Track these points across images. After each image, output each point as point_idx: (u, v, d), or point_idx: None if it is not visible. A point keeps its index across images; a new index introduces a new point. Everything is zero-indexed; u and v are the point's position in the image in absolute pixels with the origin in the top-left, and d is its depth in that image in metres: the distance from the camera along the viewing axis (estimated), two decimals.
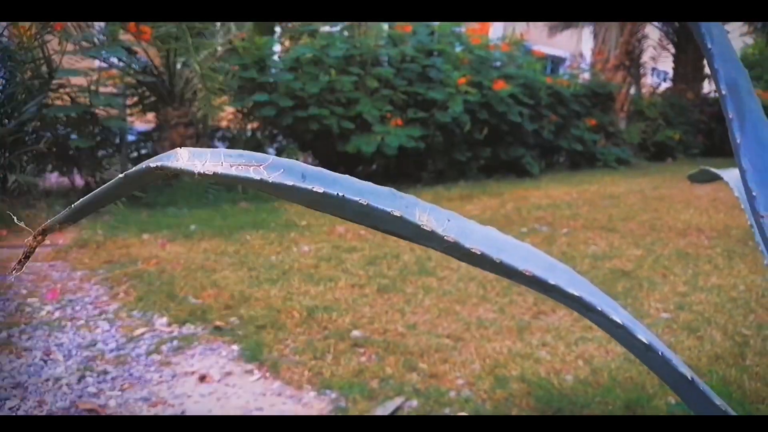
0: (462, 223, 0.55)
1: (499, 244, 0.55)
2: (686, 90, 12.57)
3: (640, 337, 0.49)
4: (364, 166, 7.03)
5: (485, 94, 7.03)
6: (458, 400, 1.84)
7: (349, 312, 2.56)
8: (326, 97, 6.04)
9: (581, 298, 0.48)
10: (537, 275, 0.48)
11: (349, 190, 0.51)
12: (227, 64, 6.00)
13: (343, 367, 2.08)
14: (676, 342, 2.24)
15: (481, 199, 5.88)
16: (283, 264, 3.29)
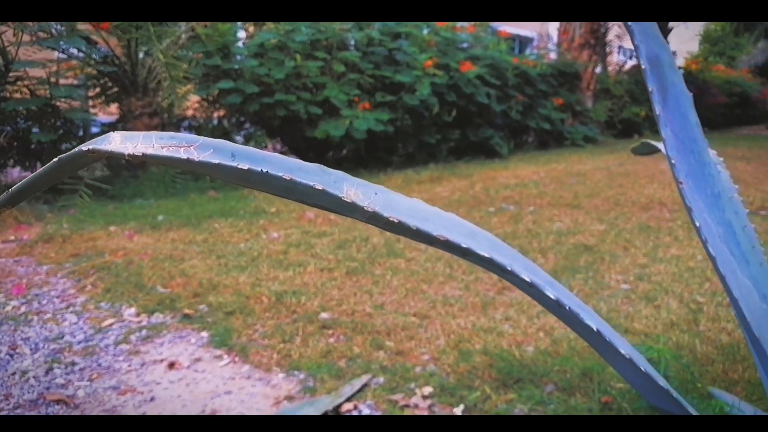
0: (389, 196, 0.58)
1: (423, 215, 0.58)
2: None
3: (549, 293, 0.52)
4: (333, 151, 7.03)
5: (452, 76, 7.06)
6: (423, 375, 1.89)
7: (318, 295, 2.59)
8: (292, 83, 6.01)
9: (492, 259, 0.52)
10: (450, 239, 0.51)
11: (276, 167, 0.53)
12: (190, 52, 5.92)
13: (312, 349, 2.11)
14: (634, 311, 2.32)
15: (451, 181, 5.94)
16: (252, 251, 3.30)
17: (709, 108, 13.84)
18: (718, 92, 14.29)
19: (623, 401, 1.58)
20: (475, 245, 0.53)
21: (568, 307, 0.53)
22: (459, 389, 1.79)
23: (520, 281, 0.53)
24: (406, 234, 0.53)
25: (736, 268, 0.82)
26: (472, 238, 0.58)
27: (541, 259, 3.09)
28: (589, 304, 2.42)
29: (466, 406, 1.71)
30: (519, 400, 1.71)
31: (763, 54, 16.50)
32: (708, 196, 0.85)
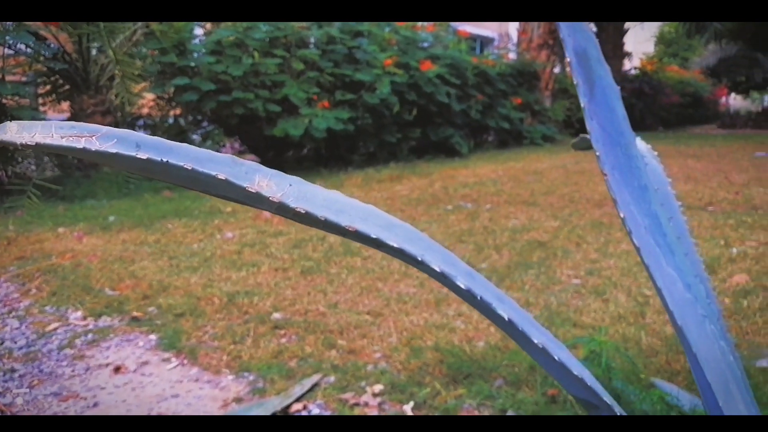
0: (305, 187, 0.57)
1: (339, 206, 0.57)
2: None
3: (459, 283, 0.52)
4: (294, 150, 6.97)
5: (413, 75, 7.08)
6: (374, 373, 1.88)
7: (271, 295, 2.55)
8: (250, 81, 5.94)
9: (402, 250, 0.51)
10: (360, 230, 0.50)
11: (181, 157, 0.51)
12: (145, 49, 5.78)
13: (263, 350, 2.08)
14: (583, 305, 2.36)
15: (411, 180, 5.95)
16: (205, 251, 3.24)
17: (664, 107, 14.25)
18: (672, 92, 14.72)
19: (569, 393, 1.60)
20: (386, 236, 0.52)
21: (480, 297, 0.53)
22: (409, 386, 1.79)
23: (431, 271, 0.52)
24: (316, 225, 0.52)
25: (662, 258, 0.83)
26: (387, 229, 0.57)
27: (495, 256, 3.12)
28: (540, 299, 2.45)
29: (415, 403, 1.70)
30: (468, 396, 1.72)
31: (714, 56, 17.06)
32: (635, 188, 0.86)
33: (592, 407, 0.63)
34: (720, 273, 2.76)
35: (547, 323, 2.18)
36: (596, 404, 0.61)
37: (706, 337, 0.84)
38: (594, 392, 0.59)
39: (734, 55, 16.14)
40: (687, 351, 0.83)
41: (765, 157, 7.54)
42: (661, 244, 0.86)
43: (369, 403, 1.73)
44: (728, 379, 0.83)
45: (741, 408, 0.82)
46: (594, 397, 0.60)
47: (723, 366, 0.83)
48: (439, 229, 3.74)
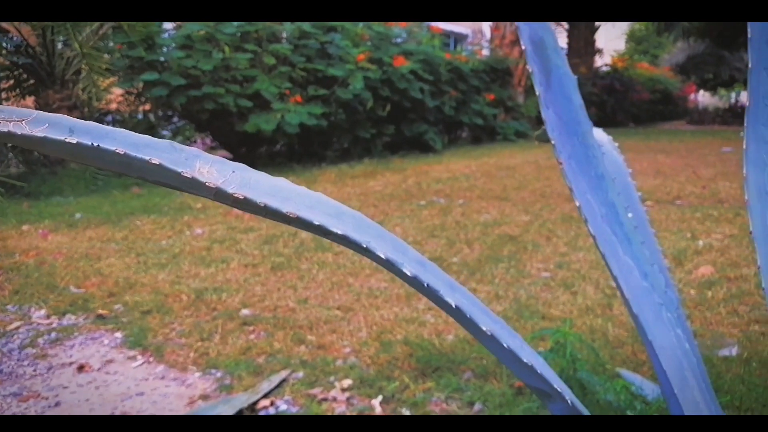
0: (249, 174, 0.55)
1: (285, 194, 0.55)
2: (579, 64, 13.22)
3: (406, 270, 0.51)
4: (267, 146, 6.91)
5: (386, 71, 7.07)
6: (343, 368, 1.87)
7: (240, 292, 2.52)
8: (221, 75, 5.86)
9: (346, 237, 0.50)
10: (302, 217, 0.49)
11: (118, 143, 0.50)
12: (112, 43, 5.67)
13: (231, 346, 2.06)
14: (552, 298, 2.38)
15: (384, 175, 5.94)
16: (174, 248, 3.19)
17: (634, 104, 14.47)
18: (643, 89, 14.95)
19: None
20: (331, 223, 0.51)
21: (427, 284, 0.52)
22: (378, 380, 1.78)
23: (377, 258, 0.51)
24: (257, 212, 0.50)
25: (618, 246, 0.84)
26: (335, 217, 0.56)
27: (466, 250, 3.13)
28: (509, 292, 2.46)
29: (384, 397, 1.70)
30: (437, 389, 1.72)
31: (683, 53, 17.37)
32: (591, 177, 0.86)
33: (545, 396, 0.62)
34: (686, 265, 2.81)
35: (515, 316, 2.20)
36: (549, 392, 0.61)
37: (663, 325, 0.84)
38: (545, 380, 0.59)
39: (702, 52, 16.46)
40: (644, 338, 0.83)
41: (732, 152, 7.71)
42: (618, 233, 0.86)
43: (337, 398, 1.72)
44: (684, 366, 0.83)
45: (696, 395, 0.82)
46: (545, 384, 0.59)
47: (679, 353, 0.84)
48: (411, 225, 3.74)
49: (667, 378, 0.79)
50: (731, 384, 1.66)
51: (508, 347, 0.56)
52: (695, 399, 0.82)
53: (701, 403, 0.82)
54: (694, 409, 0.81)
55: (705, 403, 0.84)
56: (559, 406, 0.63)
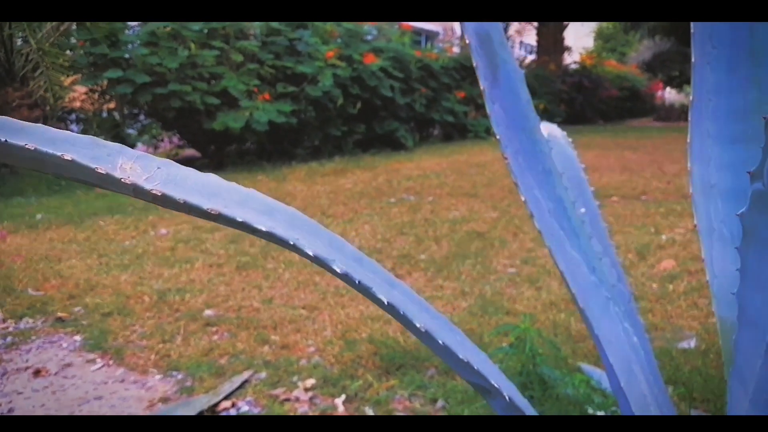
0: (175, 170, 0.53)
1: (213, 190, 0.53)
2: (549, 62, 13.35)
3: (335, 267, 0.50)
4: (237, 144, 6.82)
5: (356, 68, 7.05)
6: (307, 367, 1.85)
7: (204, 292, 2.48)
8: (187, 73, 5.77)
9: (272, 233, 0.48)
10: (223, 213, 0.48)
11: (32, 139, 0.47)
12: (74, 39, 5.54)
13: (193, 348, 2.02)
14: (517, 293, 2.40)
15: (355, 173, 5.92)
16: (137, 248, 3.13)
17: (603, 101, 14.67)
18: (611, 86, 15.17)
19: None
20: (258, 220, 0.49)
21: (358, 281, 0.51)
22: (342, 379, 1.77)
23: (305, 255, 0.50)
24: (178, 208, 0.48)
25: (565, 241, 0.84)
26: (266, 214, 0.54)
27: (434, 247, 3.14)
28: (475, 288, 2.47)
29: (347, 396, 1.69)
30: (400, 386, 1.71)
31: (650, 51, 17.68)
32: (539, 172, 0.86)
33: (486, 392, 0.62)
34: (649, 259, 2.85)
35: (480, 312, 2.20)
36: (488, 389, 0.60)
37: (610, 319, 0.85)
38: (482, 376, 0.58)
39: (668, 50, 16.78)
40: (591, 332, 0.83)
41: None
42: (566, 228, 0.86)
43: (300, 398, 1.70)
44: (631, 359, 0.84)
45: (644, 389, 0.83)
46: (484, 381, 0.59)
47: (626, 347, 0.84)
48: (380, 222, 3.73)
49: (614, 372, 0.80)
50: (689, 376, 1.69)
51: (443, 343, 0.55)
52: (643, 393, 0.82)
53: (649, 396, 0.83)
54: (641, 402, 0.81)
55: (653, 396, 0.85)
56: (500, 403, 0.62)
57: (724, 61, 0.89)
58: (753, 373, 0.59)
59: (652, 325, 2.10)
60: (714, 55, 0.89)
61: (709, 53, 0.89)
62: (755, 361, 0.59)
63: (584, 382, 1.46)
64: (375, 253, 3.01)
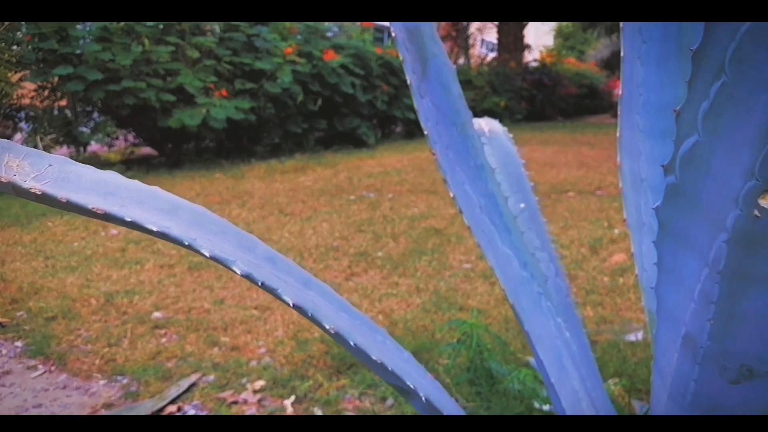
0: (69, 167, 0.50)
1: (111, 188, 0.51)
2: (509, 59, 13.50)
3: (235, 268, 0.48)
4: (195, 142, 6.68)
5: (316, 65, 6.98)
6: (257, 369, 1.82)
7: (153, 294, 2.42)
8: (142, 69, 5.63)
9: (165, 233, 0.46)
10: (108, 211, 0.45)
11: None
12: (21, 33, 5.34)
13: (140, 351, 1.97)
14: (471, 289, 2.40)
15: (315, 170, 5.87)
16: (86, 250, 3.03)
17: (563, 98, 14.90)
18: (570, 83, 15.41)
19: (446, 376, 1.61)
20: (150, 218, 0.47)
21: (261, 282, 0.49)
22: (292, 380, 1.75)
23: (203, 254, 0.48)
24: (60, 206, 0.46)
25: (497, 236, 0.83)
26: (169, 213, 0.52)
27: (392, 244, 3.13)
28: (430, 284, 2.47)
29: (297, 397, 1.66)
30: (351, 385, 1.70)
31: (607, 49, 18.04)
32: (471, 167, 0.85)
33: (405, 393, 0.61)
34: (601, 253, 2.90)
35: (434, 308, 2.20)
36: (406, 389, 0.59)
37: (541, 314, 0.84)
38: (398, 377, 0.57)
39: None
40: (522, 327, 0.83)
41: None
42: (497, 223, 0.85)
43: (248, 400, 1.67)
44: (562, 354, 0.84)
45: (575, 383, 0.83)
46: (400, 382, 0.58)
47: (558, 342, 0.84)
48: (339, 219, 3.70)
49: (545, 367, 0.79)
50: (634, 368, 1.71)
51: (355, 345, 0.53)
52: (574, 387, 0.82)
53: (581, 391, 0.83)
54: (572, 397, 0.81)
55: (586, 391, 0.85)
56: (419, 404, 0.61)
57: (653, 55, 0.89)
58: (671, 366, 0.60)
59: (601, 318, 2.13)
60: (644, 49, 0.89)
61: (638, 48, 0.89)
62: (672, 354, 0.59)
63: (531, 376, 1.46)
64: (332, 251, 2.98)
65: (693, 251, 0.54)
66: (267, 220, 3.64)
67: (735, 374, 0.55)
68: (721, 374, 0.55)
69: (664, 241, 0.57)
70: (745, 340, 0.53)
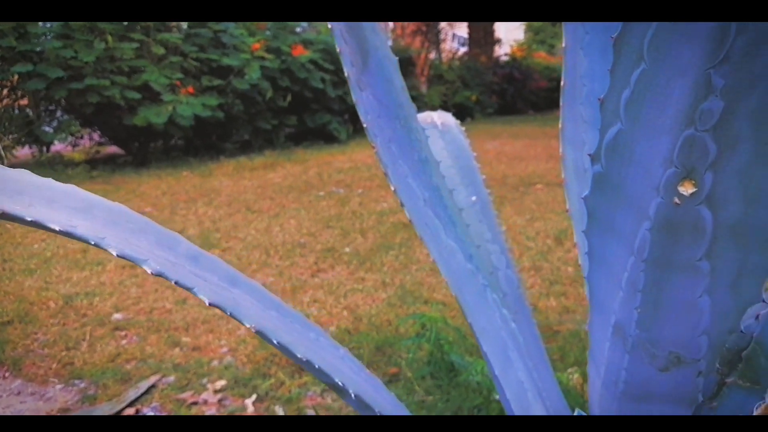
0: None
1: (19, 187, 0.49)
2: (480, 54, 13.57)
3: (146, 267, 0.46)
4: (163, 140, 6.58)
5: (285, 60, 6.92)
6: (218, 368, 1.80)
7: (114, 295, 2.37)
8: (105, 66, 5.51)
9: (69, 233, 0.44)
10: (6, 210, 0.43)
11: None
12: None
13: (99, 354, 1.93)
14: (436, 282, 2.41)
15: (285, 167, 5.83)
16: (46, 251, 2.96)
17: (533, 92, 15.04)
18: (540, 77, 15.56)
19: (408, 370, 1.61)
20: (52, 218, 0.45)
21: (175, 281, 0.47)
22: (254, 379, 1.73)
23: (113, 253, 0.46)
24: None
25: (441, 229, 0.82)
26: (83, 212, 0.50)
27: (360, 239, 3.11)
28: (396, 278, 2.47)
29: (258, 396, 1.64)
30: (312, 383, 1.68)
31: None
32: (414, 161, 0.84)
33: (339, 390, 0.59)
34: (566, 243, 2.93)
35: (399, 302, 2.20)
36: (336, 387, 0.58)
37: (486, 307, 0.84)
38: (326, 374, 0.56)
39: None
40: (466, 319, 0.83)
41: None
42: (442, 216, 0.85)
43: (208, 400, 1.65)
44: (508, 346, 0.84)
45: (520, 374, 0.83)
46: (329, 379, 0.57)
47: (503, 334, 0.84)
48: (307, 216, 3.68)
49: (489, 359, 0.79)
50: None
51: (278, 343, 0.52)
52: (519, 379, 0.82)
53: (526, 382, 0.83)
54: (516, 388, 0.81)
55: (531, 382, 0.85)
56: (352, 402, 0.60)
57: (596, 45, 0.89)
58: (603, 356, 0.60)
59: (564, 308, 2.15)
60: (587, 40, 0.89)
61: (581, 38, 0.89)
62: (604, 343, 0.59)
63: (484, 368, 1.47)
64: (298, 248, 2.96)
65: (620, 240, 0.54)
66: (233, 217, 3.60)
67: (664, 362, 0.55)
68: (651, 362, 0.55)
69: (593, 230, 0.57)
70: (671, 327, 0.53)
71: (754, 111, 0.44)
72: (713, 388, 0.69)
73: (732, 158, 0.46)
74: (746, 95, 0.44)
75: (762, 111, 0.44)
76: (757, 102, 0.44)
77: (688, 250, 0.49)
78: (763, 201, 0.47)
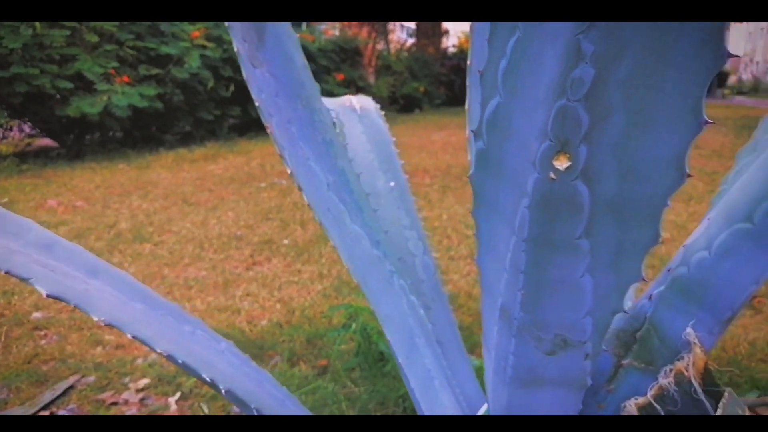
0: None
1: None
2: (428, 45, 13.60)
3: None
4: (100, 131, 6.32)
5: (227, 50, 6.74)
6: (142, 367, 1.72)
7: (34, 293, 2.25)
8: (34, 54, 5.24)
9: None
10: None
11: None
12: None
13: (14, 355, 1.82)
14: None
15: (227, 158, 5.69)
16: None
17: None
18: None
19: (337, 362, 1.58)
20: None
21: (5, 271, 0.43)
22: (178, 376, 1.66)
23: None
24: None
25: (346, 215, 0.79)
26: None
27: (299, 231, 3.06)
28: (333, 270, 2.43)
29: (182, 393, 1.58)
30: None
31: None
32: (318, 143, 0.80)
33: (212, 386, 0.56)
34: None
35: (335, 293, 2.17)
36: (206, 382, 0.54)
37: (393, 293, 0.82)
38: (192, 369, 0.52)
39: None
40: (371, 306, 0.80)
41: None
42: (347, 201, 0.81)
43: (130, 400, 1.58)
44: (415, 333, 0.81)
45: (427, 362, 0.81)
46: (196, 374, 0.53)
47: (410, 321, 0.82)
48: (247, 207, 3.59)
49: (392, 346, 0.77)
50: None
51: (134, 336, 0.48)
52: (425, 366, 0.80)
53: (433, 370, 0.81)
54: (423, 375, 0.79)
55: (439, 369, 0.83)
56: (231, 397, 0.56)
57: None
58: (493, 339, 0.58)
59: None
60: None
61: None
62: (493, 327, 0.57)
63: None
64: (234, 241, 2.88)
65: (503, 219, 0.52)
66: (169, 210, 3.48)
67: (550, 345, 0.53)
68: (537, 345, 0.53)
69: (480, 210, 0.54)
70: (555, 309, 0.51)
71: (625, 79, 0.42)
72: (611, 370, 0.68)
73: (605, 129, 0.44)
74: (617, 62, 0.42)
75: (633, 79, 0.42)
76: (628, 69, 0.42)
77: (567, 227, 0.47)
78: (638, 174, 0.45)
